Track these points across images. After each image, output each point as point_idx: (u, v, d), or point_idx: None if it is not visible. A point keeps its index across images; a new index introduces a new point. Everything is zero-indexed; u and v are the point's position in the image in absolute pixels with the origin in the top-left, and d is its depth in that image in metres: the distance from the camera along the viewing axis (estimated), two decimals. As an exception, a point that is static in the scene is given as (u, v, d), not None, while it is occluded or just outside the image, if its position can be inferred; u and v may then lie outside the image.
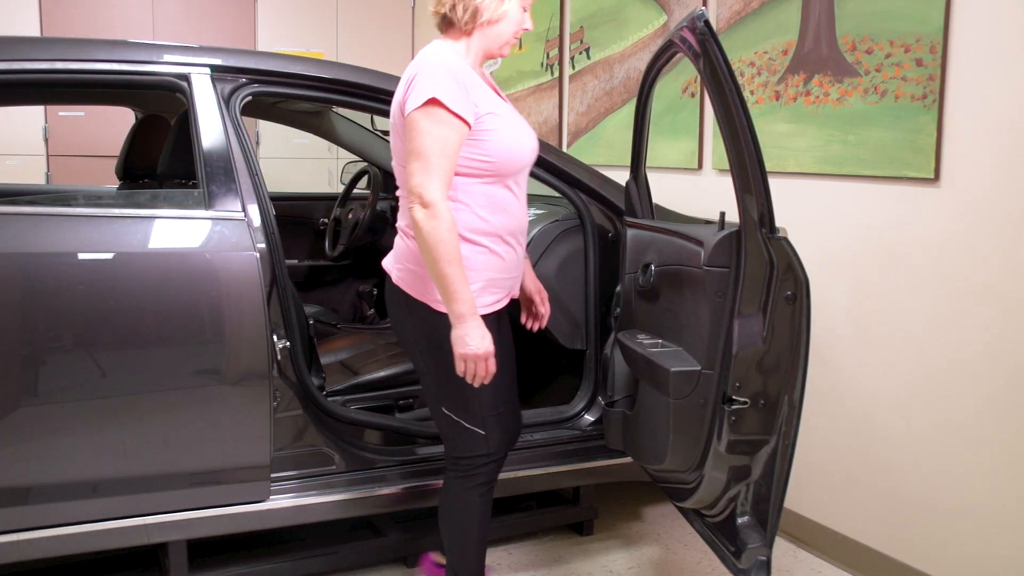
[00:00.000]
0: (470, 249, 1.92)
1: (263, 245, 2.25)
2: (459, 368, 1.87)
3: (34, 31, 4.65)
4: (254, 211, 2.27)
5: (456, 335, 1.85)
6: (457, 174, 1.89)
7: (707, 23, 1.91)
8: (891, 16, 2.42)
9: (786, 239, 1.99)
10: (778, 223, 2.85)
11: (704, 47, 1.90)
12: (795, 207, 2.78)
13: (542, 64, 4.14)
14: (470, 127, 1.87)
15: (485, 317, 1.90)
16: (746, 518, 2.12)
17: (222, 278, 2.19)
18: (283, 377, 2.29)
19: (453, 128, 1.84)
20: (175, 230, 2.20)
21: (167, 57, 2.33)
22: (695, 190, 3.18)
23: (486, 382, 1.90)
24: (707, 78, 1.93)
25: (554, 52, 4.05)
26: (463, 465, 2.07)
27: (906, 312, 2.45)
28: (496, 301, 2.00)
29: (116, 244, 2.12)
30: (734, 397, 2.02)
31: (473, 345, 1.84)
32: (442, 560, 2.38)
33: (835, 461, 2.70)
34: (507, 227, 1.97)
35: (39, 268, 2.04)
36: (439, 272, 1.82)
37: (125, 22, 4.89)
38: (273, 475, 2.31)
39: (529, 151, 1.99)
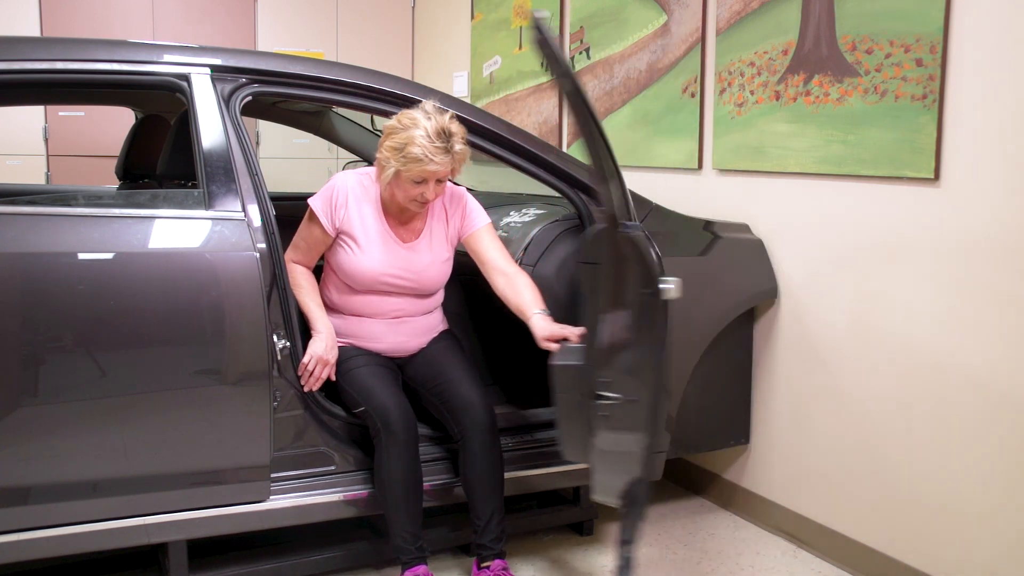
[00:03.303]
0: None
1: (263, 245, 2.25)
2: (305, 359, 2.33)
3: (34, 31, 4.65)
4: (254, 211, 2.27)
5: (312, 341, 2.38)
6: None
7: (539, 24, 1.89)
8: (891, 16, 2.42)
9: (642, 233, 1.96)
10: (775, 221, 2.86)
11: (543, 50, 1.91)
12: (795, 207, 2.78)
13: (542, 64, 4.14)
14: (330, 233, 2.46)
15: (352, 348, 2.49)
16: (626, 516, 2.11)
17: (222, 278, 2.19)
18: (283, 377, 2.29)
19: (315, 224, 2.47)
20: (175, 230, 2.20)
21: (167, 57, 2.33)
22: (695, 190, 3.18)
23: (315, 386, 2.34)
24: (556, 81, 1.94)
25: (554, 52, 4.04)
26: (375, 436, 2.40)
27: (906, 312, 2.46)
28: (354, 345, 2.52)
29: (116, 244, 2.12)
30: (602, 393, 2.01)
31: (318, 348, 2.35)
32: (491, 568, 2.43)
33: (835, 461, 2.70)
34: (349, 307, 2.53)
35: (39, 268, 2.04)
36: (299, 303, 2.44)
37: (125, 22, 4.89)
38: (273, 475, 2.31)
39: (363, 276, 2.46)
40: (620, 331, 1.98)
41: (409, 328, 2.56)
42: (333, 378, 2.40)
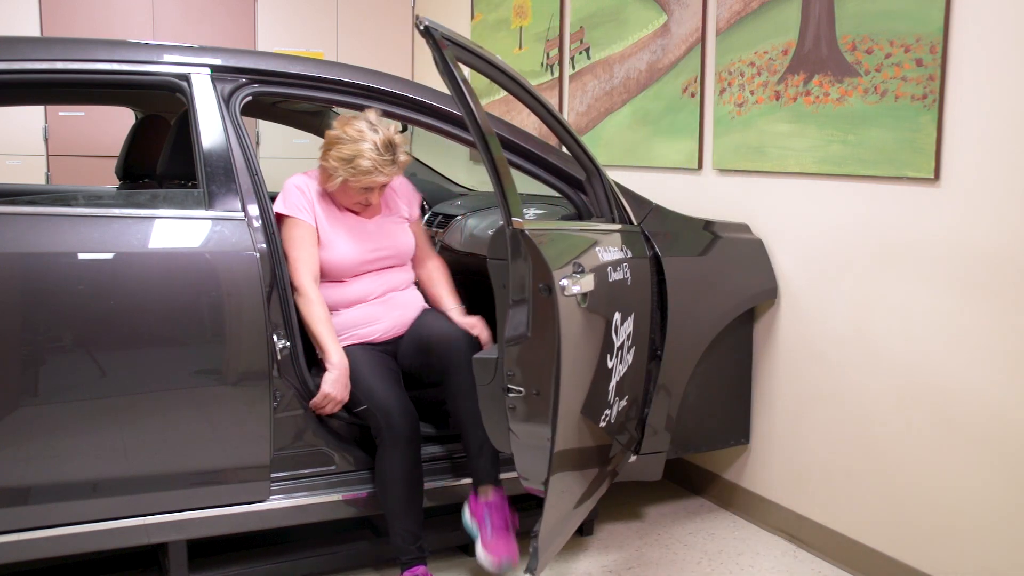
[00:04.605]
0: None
1: (263, 245, 2.25)
2: (318, 397, 2.33)
3: (34, 31, 4.65)
4: (254, 211, 2.27)
5: (326, 376, 2.36)
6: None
7: (426, 29, 1.89)
8: (891, 16, 2.42)
9: (522, 231, 1.97)
10: (775, 221, 2.86)
11: (432, 51, 1.92)
12: (795, 207, 2.78)
13: (542, 64, 4.14)
14: (313, 225, 2.48)
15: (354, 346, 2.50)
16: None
17: (222, 278, 2.19)
18: (283, 377, 2.29)
19: (297, 226, 2.46)
20: (175, 230, 2.21)
21: (167, 57, 2.33)
22: (695, 190, 3.18)
23: (329, 410, 2.36)
24: (445, 83, 1.96)
25: (554, 52, 4.05)
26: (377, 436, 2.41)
27: (906, 312, 2.46)
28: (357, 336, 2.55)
29: (116, 244, 2.12)
30: (509, 386, 2.03)
31: (331, 389, 2.34)
32: (487, 498, 2.46)
33: (835, 461, 2.70)
34: (343, 299, 2.55)
35: (39, 268, 2.04)
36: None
37: (125, 22, 4.89)
38: (273, 475, 2.31)
39: (349, 262, 2.53)
40: (520, 326, 2.00)
41: (400, 302, 2.62)
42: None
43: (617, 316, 2.27)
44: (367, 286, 2.57)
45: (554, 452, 1.98)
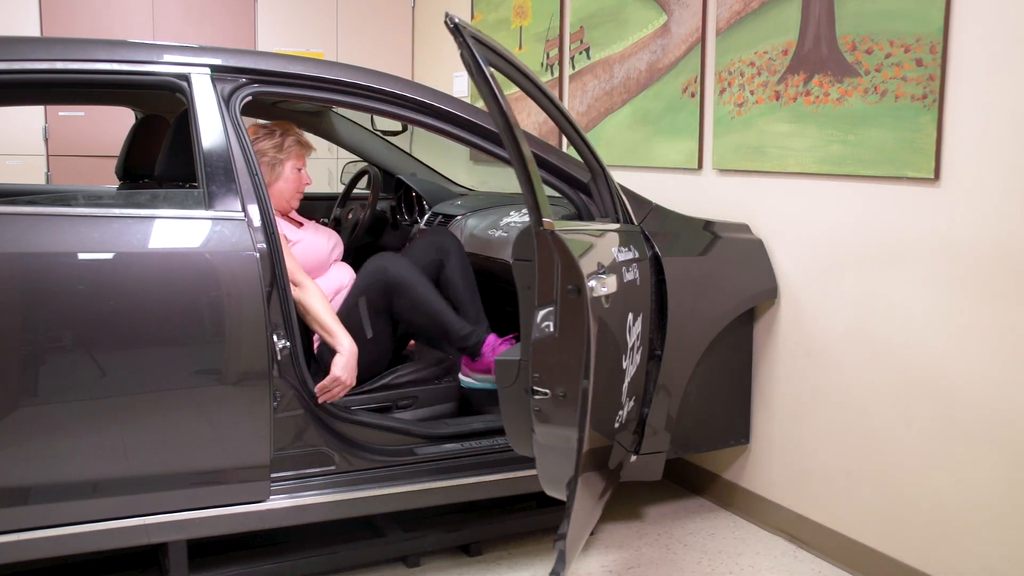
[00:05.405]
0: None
1: (263, 245, 2.25)
2: (328, 380, 2.35)
3: (34, 31, 4.65)
4: (254, 211, 2.27)
5: (336, 359, 2.42)
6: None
7: (456, 25, 1.89)
8: (891, 16, 2.42)
9: (553, 232, 1.96)
10: (775, 221, 2.86)
11: (460, 49, 1.92)
12: (795, 207, 2.78)
13: (542, 64, 4.14)
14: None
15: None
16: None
17: (222, 278, 2.19)
18: (283, 377, 2.29)
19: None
20: (175, 230, 2.21)
21: (167, 57, 2.33)
22: (695, 190, 3.18)
23: (336, 394, 2.39)
24: (474, 81, 1.96)
25: (554, 52, 4.05)
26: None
27: (905, 311, 2.46)
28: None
29: (116, 244, 2.12)
30: (535, 388, 2.03)
31: (342, 373, 2.39)
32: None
33: (835, 461, 2.70)
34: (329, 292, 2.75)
35: (39, 268, 2.04)
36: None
37: (125, 22, 4.89)
38: (273, 475, 2.31)
39: (323, 250, 2.81)
40: (547, 328, 2.00)
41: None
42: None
43: (630, 317, 2.28)
44: (336, 277, 2.78)
45: (581, 454, 1.98)
